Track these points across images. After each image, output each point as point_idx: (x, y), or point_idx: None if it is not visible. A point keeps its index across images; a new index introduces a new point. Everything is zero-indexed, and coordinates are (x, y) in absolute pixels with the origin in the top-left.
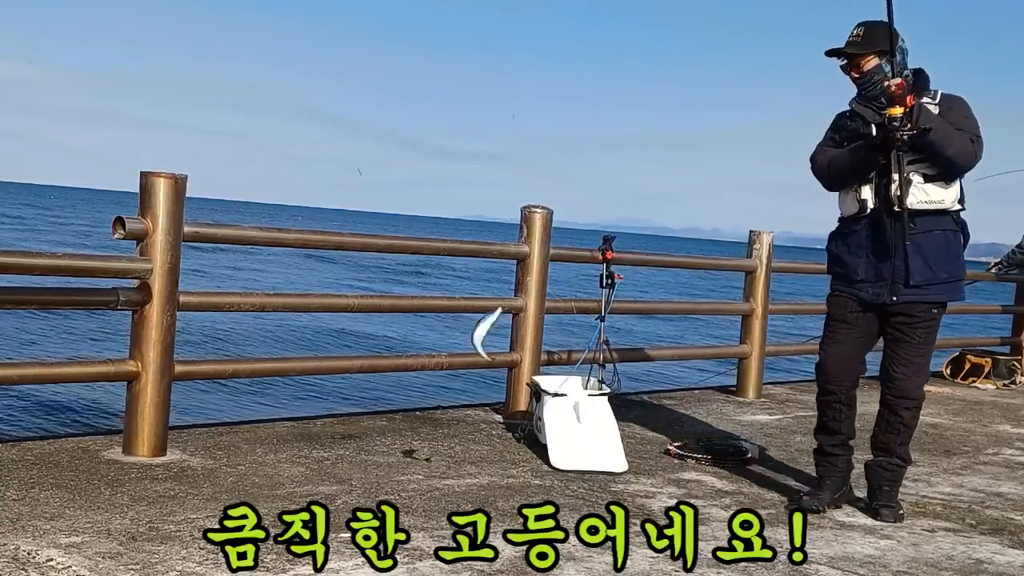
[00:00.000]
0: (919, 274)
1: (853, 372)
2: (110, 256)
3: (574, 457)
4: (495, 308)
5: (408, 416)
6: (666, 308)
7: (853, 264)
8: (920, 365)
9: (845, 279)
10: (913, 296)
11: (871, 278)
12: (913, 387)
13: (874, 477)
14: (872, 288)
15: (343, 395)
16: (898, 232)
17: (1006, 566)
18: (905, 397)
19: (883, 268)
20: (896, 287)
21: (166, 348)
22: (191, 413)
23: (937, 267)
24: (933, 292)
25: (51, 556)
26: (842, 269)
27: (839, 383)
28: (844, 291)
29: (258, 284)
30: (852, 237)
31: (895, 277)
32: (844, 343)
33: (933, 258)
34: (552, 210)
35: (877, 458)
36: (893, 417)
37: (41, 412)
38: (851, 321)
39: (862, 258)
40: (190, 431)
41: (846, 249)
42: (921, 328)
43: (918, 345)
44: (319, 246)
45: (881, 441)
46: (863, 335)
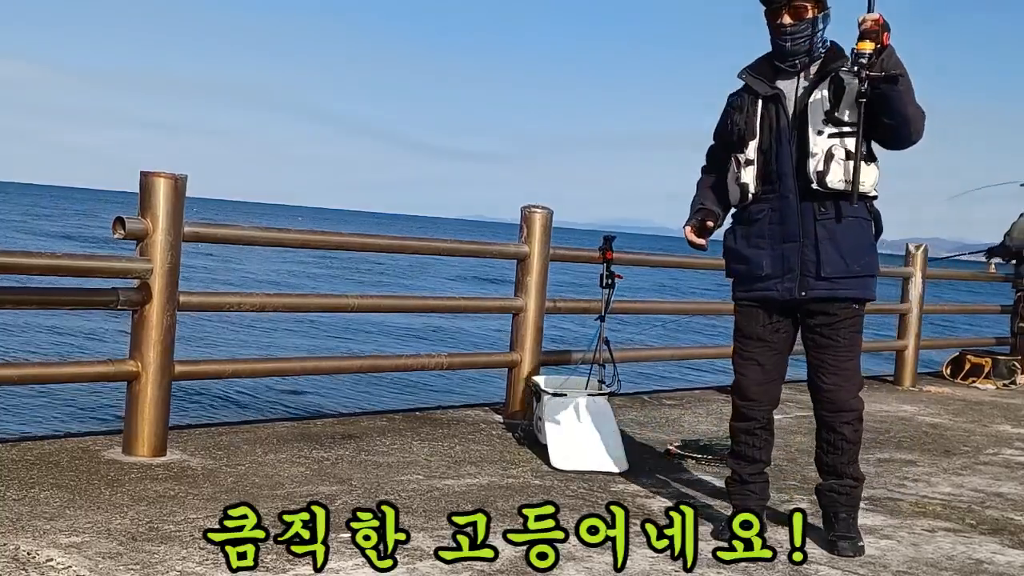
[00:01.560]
0: (830, 265)
1: (775, 393)
2: (110, 256)
3: (574, 457)
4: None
5: (408, 416)
6: (666, 308)
7: (756, 258)
8: (851, 371)
9: (748, 278)
10: (824, 291)
11: (778, 272)
12: (848, 397)
13: (828, 503)
14: (782, 284)
15: (343, 395)
16: (807, 216)
17: (1006, 566)
18: (842, 410)
19: (791, 259)
20: (806, 280)
21: (166, 348)
22: (191, 413)
23: (851, 258)
24: (845, 287)
25: (51, 556)
26: (743, 265)
27: (760, 408)
28: (749, 300)
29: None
30: (752, 227)
31: (804, 269)
32: (762, 363)
33: (846, 248)
34: (552, 210)
35: (827, 481)
36: (833, 435)
37: (41, 412)
38: (765, 337)
39: (765, 250)
40: (190, 431)
41: (745, 242)
42: (845, 328)
43: (844, 348)
44: (319, 246)
45: (827, 463)
46: (781, 349)
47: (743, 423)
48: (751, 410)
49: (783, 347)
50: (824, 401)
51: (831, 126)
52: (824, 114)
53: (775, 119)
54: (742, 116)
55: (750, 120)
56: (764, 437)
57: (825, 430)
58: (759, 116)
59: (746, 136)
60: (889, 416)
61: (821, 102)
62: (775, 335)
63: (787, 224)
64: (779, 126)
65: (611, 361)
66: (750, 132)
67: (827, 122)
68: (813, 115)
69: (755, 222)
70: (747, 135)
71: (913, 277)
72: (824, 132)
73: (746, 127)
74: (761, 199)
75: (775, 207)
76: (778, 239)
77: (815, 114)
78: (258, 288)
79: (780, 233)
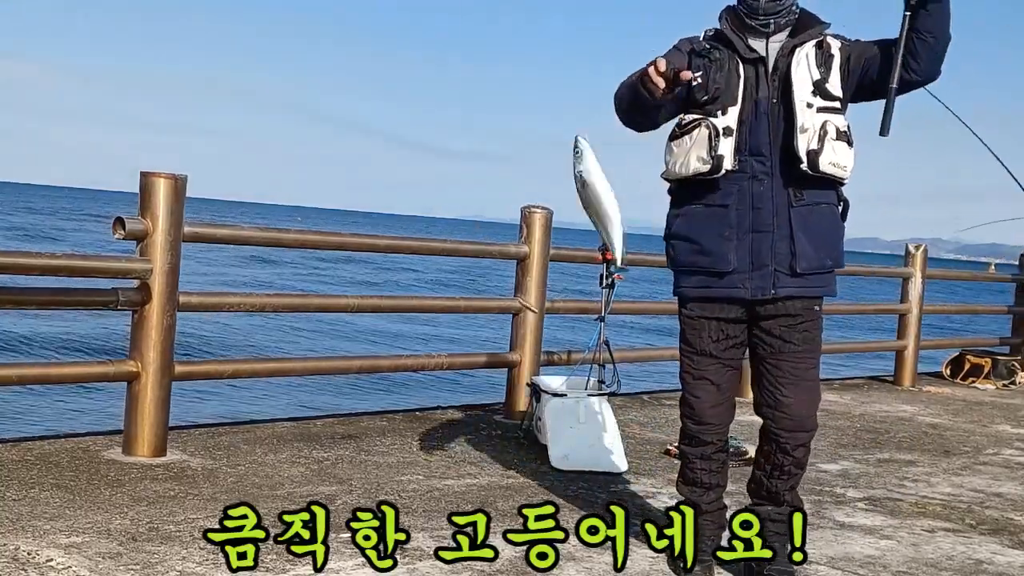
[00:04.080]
0: (805, 260)
1: (731, 412)
2: (110, 256)
3: (574, 457)
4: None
5: (408, 416)
6: (667, 308)
7: (719, 250)
8: (813, 382)
9: (706, 273)
10: (794, 288)
11: (745, 267)
12: (808, 414)
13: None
14: (751, 281)
15: (343, 395)
16: (780, 201)
17: (1006, 566)
18: (801, 429)
19: (762, 251)
20: (778, 276)
21: (166, 348)
22: (191, 413)
23: (823, 251)
24: (814, 283)
25: (51, 556)
26: (701, 257)
27: (717, 431)
28: (700, 308)
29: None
30: (713, 211)
31: (778, 263)
32: (716, 382)
33: (819, 239)
34: (552, 210)
35: (762, 508)
36: (783, 457)
37: (41, 412)
38: (719, 355)
39: (732, 240)
40: (190, 431)
41: (705, 228)
42: (805, 331)
43: (805, 355)
44: (319, 246)
45: (767, 488)
46: (736, 365)
47: (697, 448)
48: (706, 434)
49: (738, 363)
50: (781, 417)
51: (820, 99)
52: (813, 85)
53: (755, 86)
54: (723, 75)
55: (732, 82)
56: (721, 460)
57: (775, 451)
58: (742, 80)
59: (726, 101)
60: (889, 416)
61: (809, 71)
62: (728, 351)
63: (760, 210)
64: (758, 95)
65: (611, 361)
66: (730, 97)
67: (815, 94)
68: (799, 85)
69: (718, 207)
70: (727, 100)
71: (913, 277)
72: (814, 105)
73: (726, 90)
74: (730, 177)
75: (744, 189)
76: (747, 228)
77: (801, 84)
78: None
79: (750, 220)
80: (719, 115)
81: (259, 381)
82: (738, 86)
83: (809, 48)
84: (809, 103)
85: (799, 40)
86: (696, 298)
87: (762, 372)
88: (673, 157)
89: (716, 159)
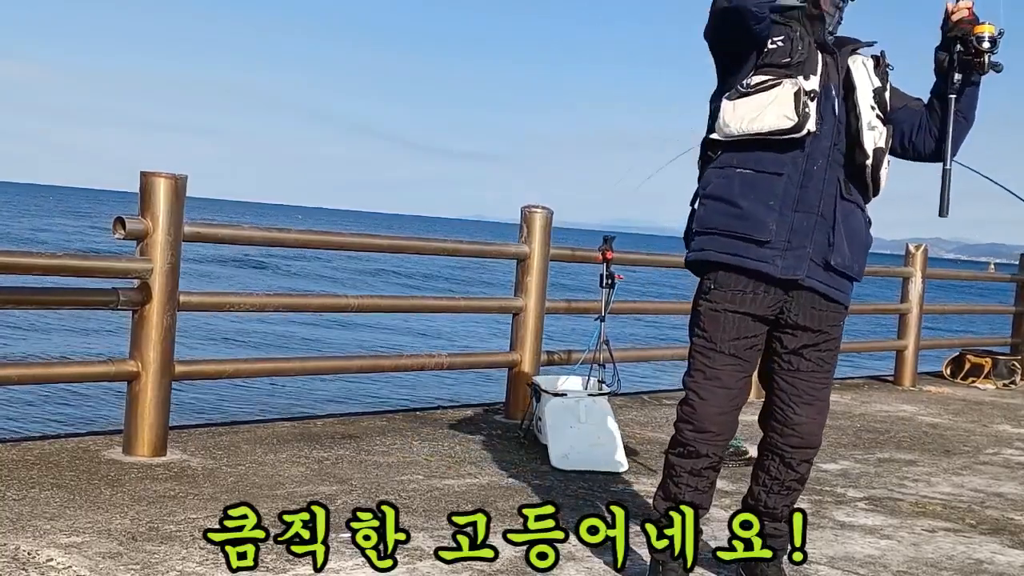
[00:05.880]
0: (840, 255)
1: (735, 426)
2: (110, 256)
3: (574, 457)
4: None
5: (408, 416)
6: (667, 308)
7: (761, 217)
8: (825, 400)
9: (739, 239)
10: (821, 284)
11: (781, 243)
12: (818, 431)
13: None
14: (782, 258)
15: (343, 395)
16: (831, 189)
17: (1006, 566)
18: (808, 446)
19: (801, 231)
20: (812, 264)
21: (166, 348)
22: (191, 413)
23: (854, 254)
24: (840, 287)
25: (51, 556)
26: (737, 222)
27: (718, 443)
28: (723, 295)
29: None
30: (764, 178)
31: (815, 249)
32: (730, 386)
33: (855, 243)
34: (552, 210)
35: (760, 522)
36: (788, 473)
37: (41, 412)
38: (738, 354)
39: (775, 212)
40: (190, 431)
41: (750, 192)
42: (828, 350)
43: (823, 374)
44: (319, 246)
45: (766, 504)
46: (751, 371)
47: (688, 460)
48: (703, 444)
49: (753, 369)
50: (791, 435)
51: (877, 107)
52: (873, 91)
53: (826, 69)
54: (804, 46)
55: (812, 56)
56: (711, 479)
57: (781, 466)
58: (820, 58)
59: (809, 69)
60: (889, 416)
61: (868, 76)
62: (748, 352)
63: (806, 190)
64: (828, 80)
65: (611, 361)
66: (812, 67)
67: (874, 99)
68: (862, 86)
69: (771, 174)
70: (810, 69)
71: (913, 277)
72: (875, 109)
73: (809, 59)
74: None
75: (799, 164)
76: (791, 204)
77: (863, 86)
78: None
79: (795, 197)
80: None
81: (259, 381)
82: (816, 62)
83: (867, 57)
84: (872, 105)
85: (855, 45)
86: (721, 266)
87: (773, 387)
88: (738, 114)
89: (803, 116)
